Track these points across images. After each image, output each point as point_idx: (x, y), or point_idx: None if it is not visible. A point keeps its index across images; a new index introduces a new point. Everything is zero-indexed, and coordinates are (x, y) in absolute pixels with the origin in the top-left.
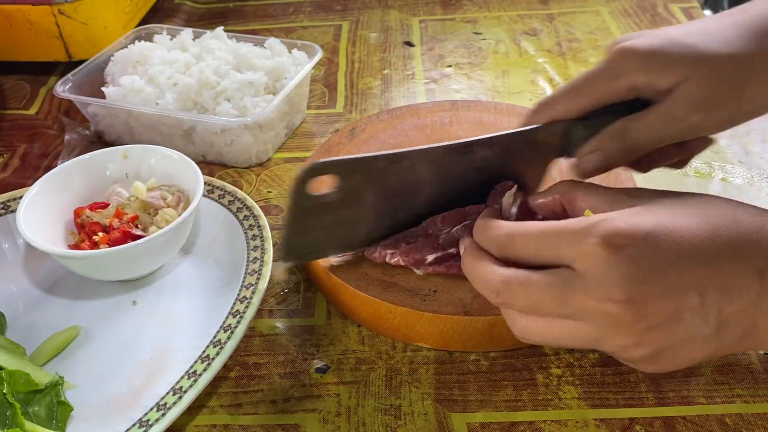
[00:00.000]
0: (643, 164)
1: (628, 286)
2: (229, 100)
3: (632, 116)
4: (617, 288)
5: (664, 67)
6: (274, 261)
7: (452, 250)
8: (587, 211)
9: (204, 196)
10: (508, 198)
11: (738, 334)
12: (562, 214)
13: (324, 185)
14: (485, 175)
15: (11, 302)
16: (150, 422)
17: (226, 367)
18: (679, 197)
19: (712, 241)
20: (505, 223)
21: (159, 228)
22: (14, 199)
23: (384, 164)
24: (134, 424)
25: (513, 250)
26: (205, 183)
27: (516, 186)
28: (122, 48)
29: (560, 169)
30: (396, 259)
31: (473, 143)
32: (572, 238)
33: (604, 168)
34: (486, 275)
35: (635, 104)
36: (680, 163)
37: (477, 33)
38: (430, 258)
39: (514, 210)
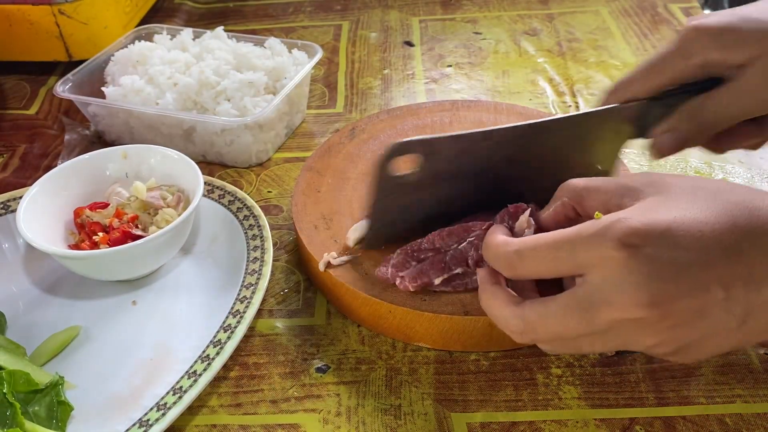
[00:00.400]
0: (719, 145)
1: (651, 288)
2: (229, 100)
3: (706, 94)
4: (640, 291)
5: (737, 43)
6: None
7: (458, 270)
8: (597, 213)
9: (204, 196)
10: (522, 221)
11: (765, 323)
12: (576, 218)
13: (405, 165)
14: (558, 158)
15: (11, 302)
16: (150, 422)
17: (226, 367)
18: (692, 184)
19: (732, 232)
20: (514, 239)
21: (159, 228)
22: (14, 199)
23: (466, 144)
24: (134, 424)
25: (524, 268)
26: (205, 183)
27: (531, 209)
28: (122, 48)
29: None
30: (405, 284)
31: (555, 121)
32: (586, 244)
33: (679, 147)
34: (505, 319)
35: (709, 83)
36: (756, 145)
37: (477, 33)
38: (437, 281)
39: (528, 232)
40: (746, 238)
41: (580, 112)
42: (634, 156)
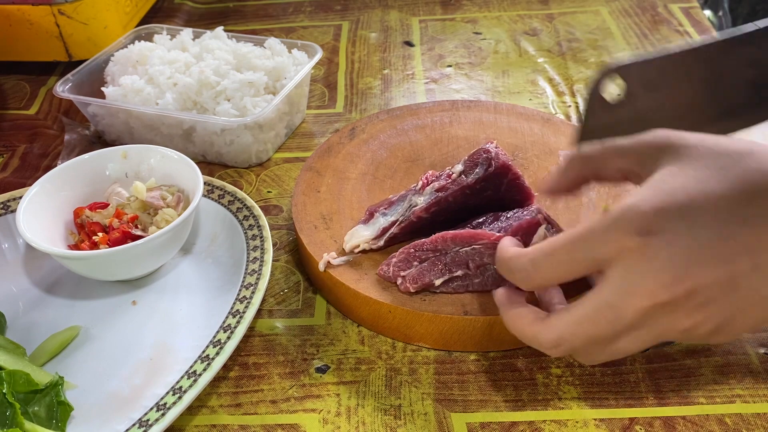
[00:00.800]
0: None
1: (675, 271)
2: (229, 100)
3: None
4: (662, 274)
5: None
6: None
7: (458, 273)
8: (604, 205)
9: (204, 196)
10: (540, 234)
11: None
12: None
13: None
14: (757, 81)
15: (11, 302)
16: (150, 422)
17: (226, 367)
18: (712, 148)
19: (751, 200)
20: (527, 249)
21: (159, 228)
22: (14, 199)
23: (678, 62)
24: (134, 424)
25: (541, 277)
26: (205, 183)
27: (546, 224)
28: (122, 48)
29: None
30: (406, 285)
31: (762, 30)
32: (601, 240)
33: None
34: (535, 337)
35: None
36: None
37: (477, 33)
38: (438, 282)
39: None
40: (767, 203)
41: None
42: None
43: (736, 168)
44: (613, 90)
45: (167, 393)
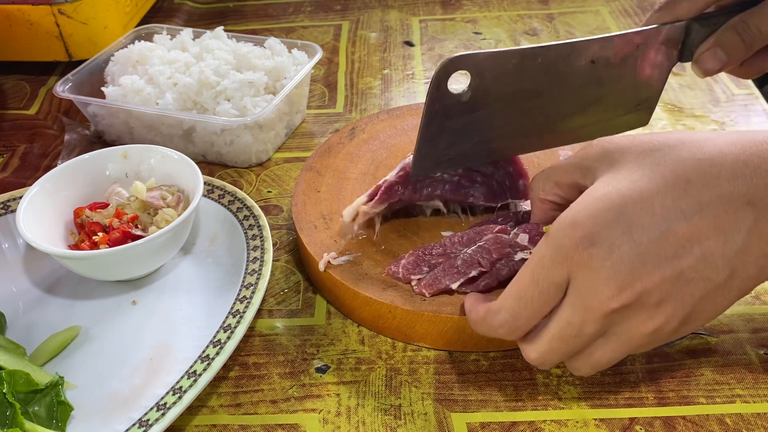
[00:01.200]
0: (752, 68)
1: (620, 279)
2: (229, 100)
3: (750, 10)
4: (610, 285)
5: None
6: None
7: (473, 273)
8: (545, 227)
9: (204, 196)
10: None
11: (754, 268)
12: (563, 204)
13: (458, 83)
14: (603, 82)
15: (11, 302)
16: (150, 422)
17: (226, 367)
18: (643, 147)
19: (685, 191)
20: (495, 303)
21: (159, 228)
22: (14, 199)
23: (517, 60)
24: (134, 424)
25: (524, 321)
26: (205, 183)
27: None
28: (122, 48)
29: None
30: (421, 290)
31: (600, 40)
32: (551, 262)
33: (722, 65)
34: (523, 353)
35: (751, 3)
36: None
37: (477, 33)
38: (455, 286)
39: None
40: (703, 193)
41: (626, 31)
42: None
43: (667, 161)
44: (456, 82)
45: (167, 393)
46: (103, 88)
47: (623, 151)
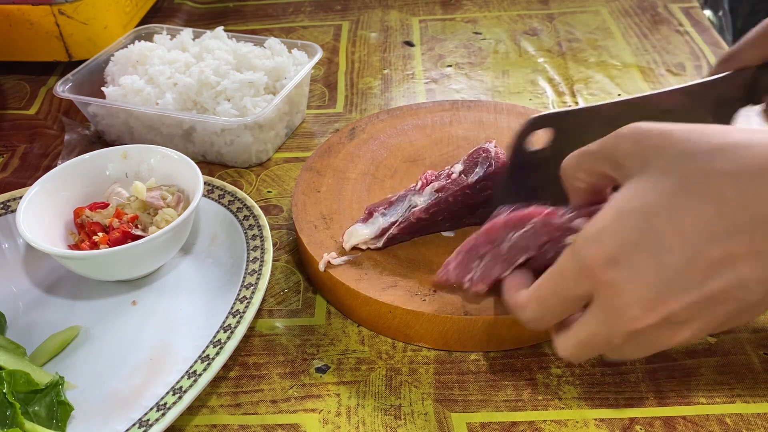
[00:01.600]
0: None
1: (644, 303)
2: (229, 100)
3: None
4: (634, 309)
5: None
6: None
7: (522, 259)
8: (571, 237)
9: (204, 196)
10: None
11: None
12: (602, 187)
13: (540, 141)
14: None
15: (11, 302)
16: (150, 422)
17: (226, 367)
18: (674, 149)
19: (720, 213)
20: (526, 295)
21: (159, 228)
22: (14, 199)
23: (594, 115)
24: (134, 424)
25: (549, 319)
26: (205, 183)
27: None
28: (122, 48)
29: None
30: (476, 289)
31: (673, 92)
32: (573, 279)
33: None
34: (557, 349)
35: None
36: None
37: (477, 33)
38: (506, 274)
39: None
40: (738, 215)
41: (695, 81)
42: None
43: (702, 173)
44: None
45: (167, 393)
46: (103, 88)
47: (657, 151)
